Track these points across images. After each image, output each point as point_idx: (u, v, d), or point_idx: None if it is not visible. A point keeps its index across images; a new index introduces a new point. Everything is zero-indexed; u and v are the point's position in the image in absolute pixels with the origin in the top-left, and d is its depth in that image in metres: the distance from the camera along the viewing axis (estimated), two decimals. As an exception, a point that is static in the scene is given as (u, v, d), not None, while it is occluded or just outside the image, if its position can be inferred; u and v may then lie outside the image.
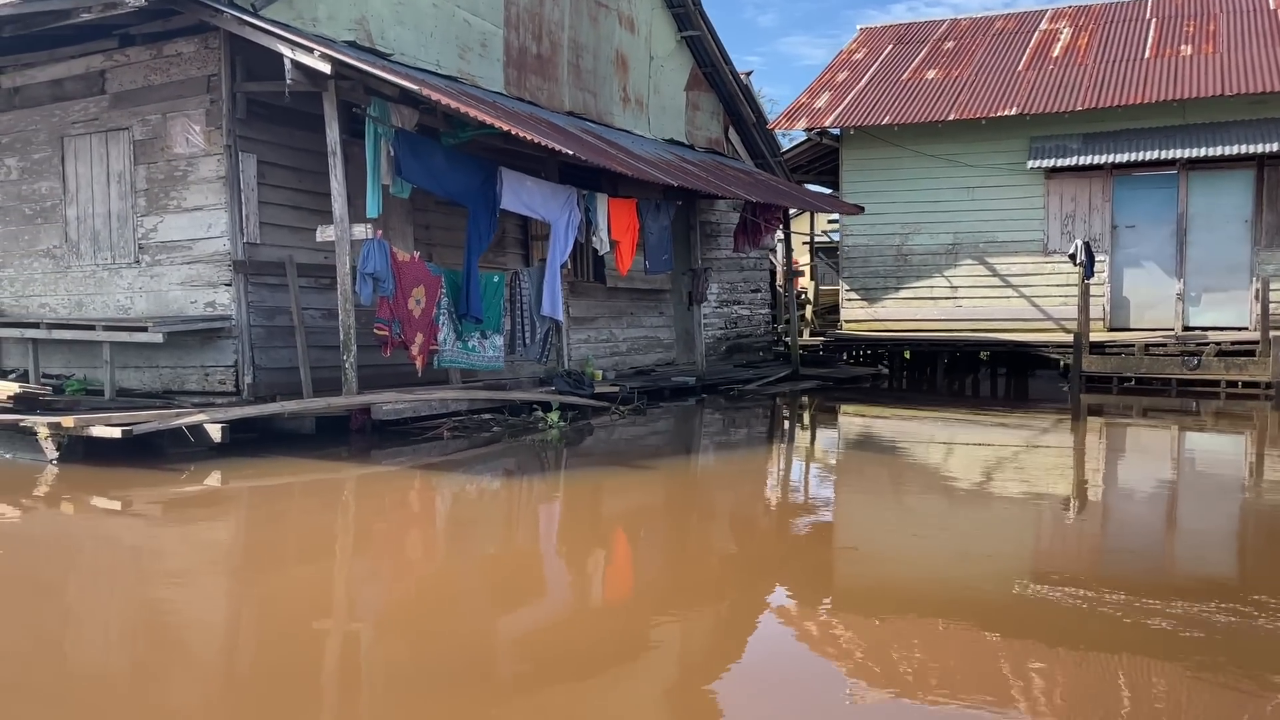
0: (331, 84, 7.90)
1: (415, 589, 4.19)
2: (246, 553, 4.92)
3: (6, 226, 10.09)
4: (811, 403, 12.41)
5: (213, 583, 4.28)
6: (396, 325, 8.24)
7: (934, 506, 5.93)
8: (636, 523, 5.54)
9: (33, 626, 3.68)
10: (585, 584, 4.25)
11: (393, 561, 4.69)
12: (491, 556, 4.77)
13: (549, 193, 9.78)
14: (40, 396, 6.89)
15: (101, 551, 4.85)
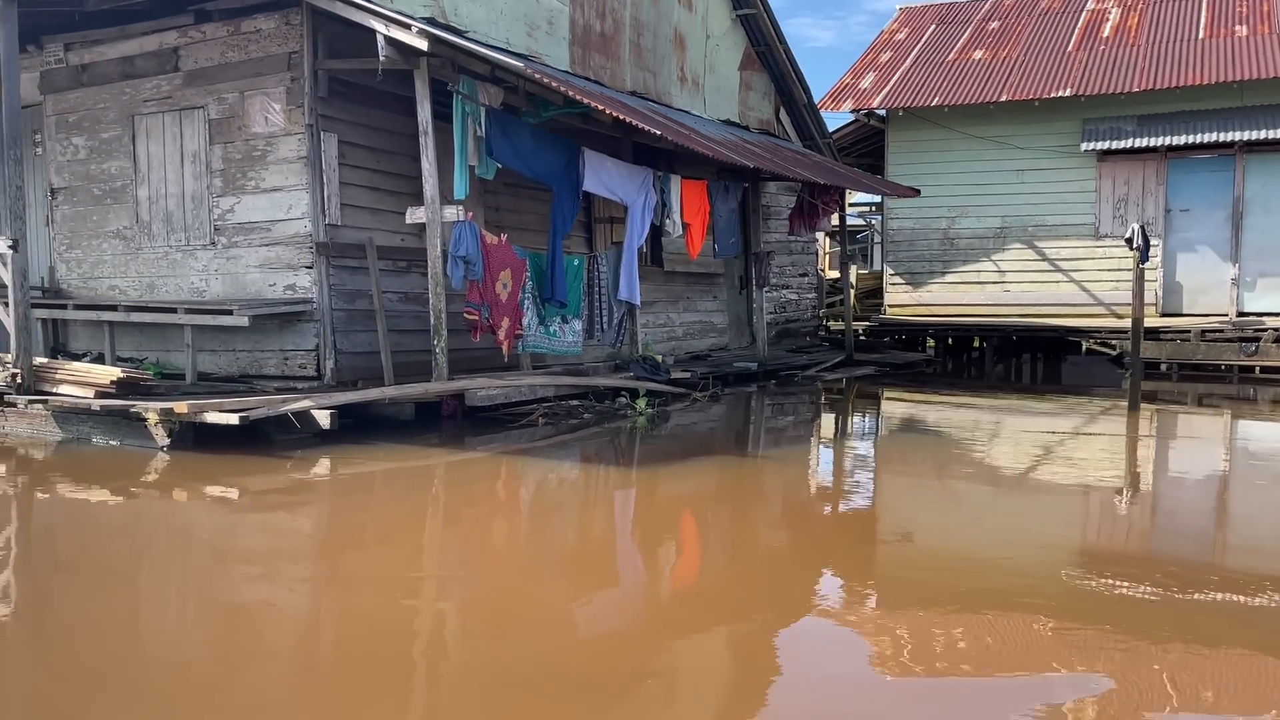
0: (424, 61, 7.69)
1: (545, 579, 4.05)
2: (375, 541, 4.77)
3: (74, 207, 9.93)
4: (877, 390, 12.23)
5: (343, 571, 4.14)
6: (485, 309, 8.07)
7: (1046, 500, 5.77)
8: (746, 512, 5.39)
9: (183, 617, 3.54)
10: (702, 573, 4.08)
11: (524, 551, 4.54)
12: (610, 546, 4.61)
13: (627, 174, 9.58)
14: (141, 381, 6.73)
15: (235, 539, 4.70)
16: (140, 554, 4.51)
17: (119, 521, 5.08)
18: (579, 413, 8.35)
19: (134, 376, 6.81)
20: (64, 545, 4.57)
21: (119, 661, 3.10)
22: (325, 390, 8.35)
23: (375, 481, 6.21)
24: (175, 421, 6.09)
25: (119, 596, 3.82)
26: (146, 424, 6.15)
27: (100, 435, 6.52)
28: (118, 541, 4.70)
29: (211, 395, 7.11)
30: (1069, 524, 5.18)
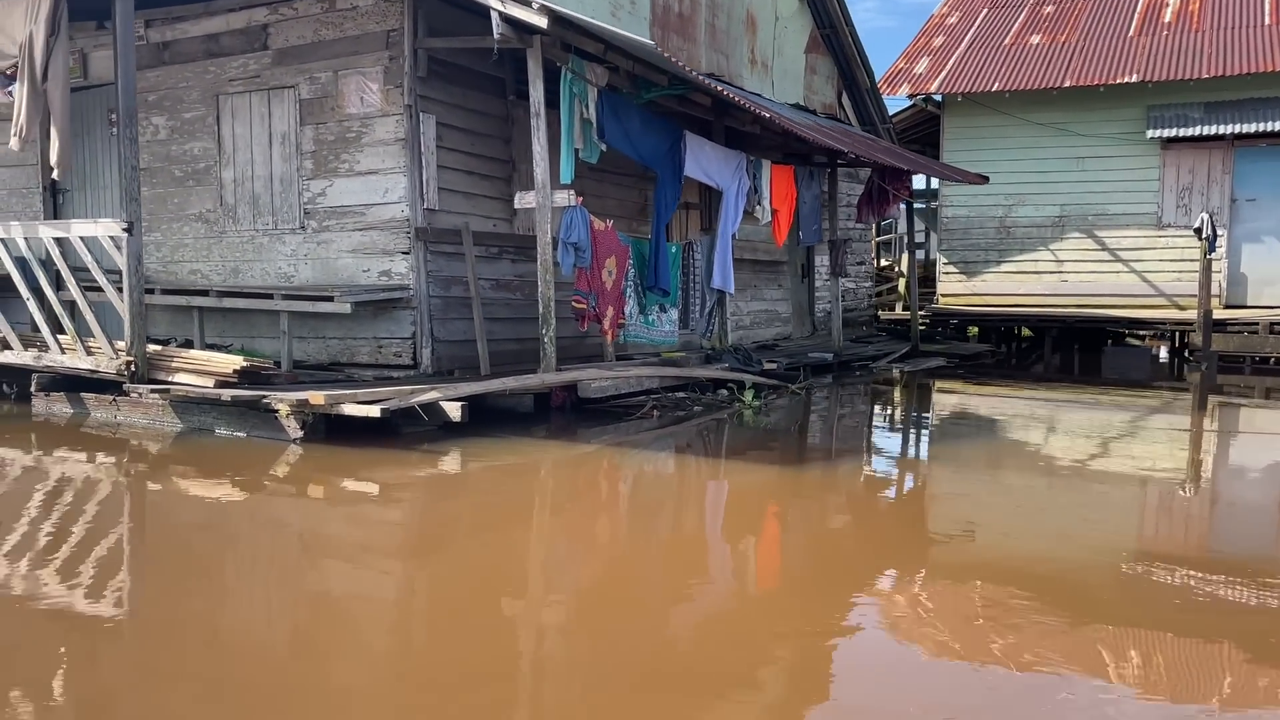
0: (537, 40, 7.42)
1: (695, 578, 3.81)
2: (532, 538, 4.54)
3: (153, 189, 9.67)
4: (956, 383, 11.96)
5: (498, 565, 3.91)
6: (593, 298, 7.82)
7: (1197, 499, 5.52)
8: (891, 515, 5.15)
9: (351, 617, 3.31)
10: (837, 574, 3.83)
11: (672, 549, 4.30)
12: (754, 547, 4.37)
13: (722, 158, 9.31)
14: (261, 370, 6.50)
15: (383, 534, 4.47)
16: (293, 550, 4.28)
17: (271, 517, 4.86)
18: (687, 405, 8.10)
19: (256, 365, 6.57)
20: (217, 541, 4.35)
21: (281, 671, 2.87)
22: (424, 379, 8.11)
23: (512, 475, 5.98)
24: (309, 414, 5.86)
25: (278, 597, 3.60)
26: (278, 416, 5.91)
27: (225, 426, 6.28)
28: (271, 537, 4.48)
29: (328, 385, 6.88)
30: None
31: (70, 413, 7.04)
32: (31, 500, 4.96)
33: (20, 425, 6.88)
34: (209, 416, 6.34)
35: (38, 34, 6.44)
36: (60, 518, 4.68)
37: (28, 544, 4.19)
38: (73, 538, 4.32)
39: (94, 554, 4.08)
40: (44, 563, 3.91)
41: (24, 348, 7.18)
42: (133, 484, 5.48)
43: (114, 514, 4.92)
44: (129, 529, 4.59)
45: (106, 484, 5.50)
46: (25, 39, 6.50)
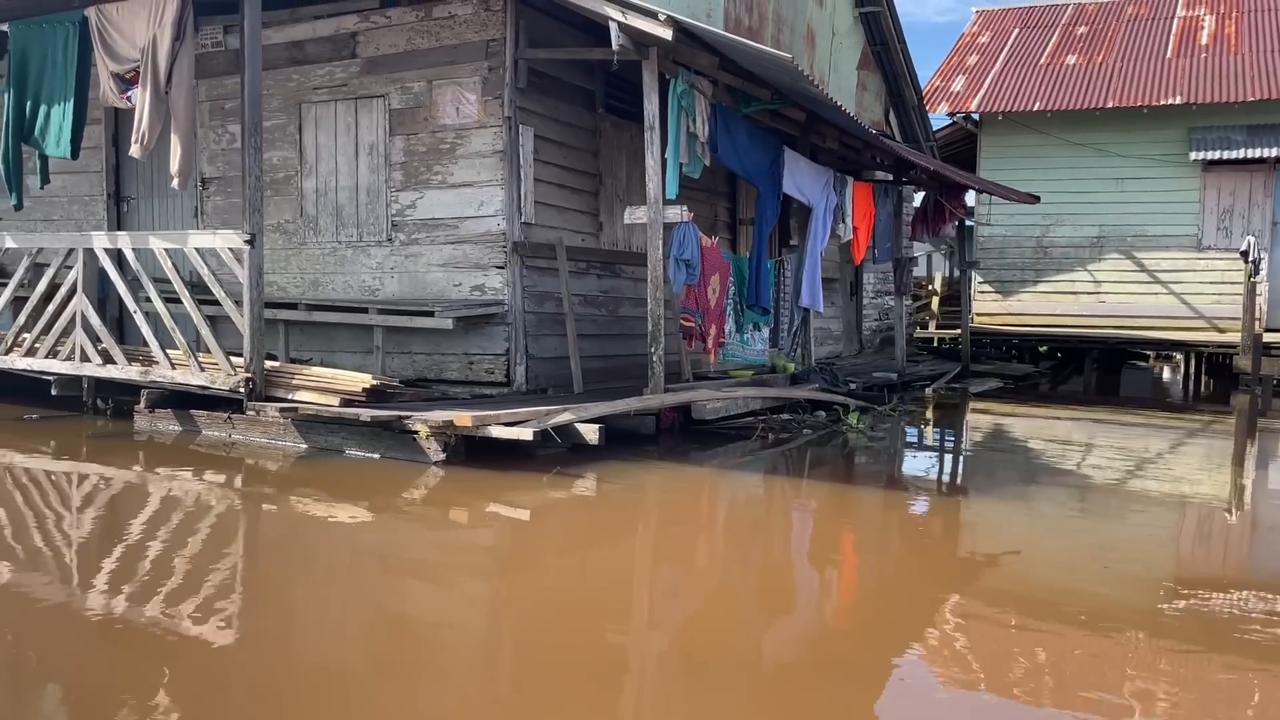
0: (653, 52, 7.24)
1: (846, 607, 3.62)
2: (693, 564, 4.33)
3: (228, 198, 9.44)
4: (1023, 403, 11.82)
5: (686, 590, 3.71)
6: (699, 316, 7.63)
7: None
8: (1028, 545, 4.97)
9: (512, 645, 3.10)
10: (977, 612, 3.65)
11: (829, 577, 4.11)
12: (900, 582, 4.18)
13: (814, 174, 9.16)
14: (386, 388, 6.26)
15: (549, 562, 4.25)
16: (465, 578, 4.06)
17: (437, 543, 4.62)
18: (794, 427, 7.90)
19: (385, 384, 6.33)
20: (380, 568, 4.11)
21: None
22: (519, 397, 7.90)
23: (658, 499, 5.78)
24: (451, 436, 5.62)
25: (462, 624, 3.38)
26: (417, 437, 5.67)
27: (356, 447, 6.02)
28: (440, 564, 4.24)
29: (447, 403, 6.64)
30: None
31: (178, 430, 6.78)
32: (172, 523, 4.72)
33: (126, 444, 6.60)
34: (337, 437, 6.09)
35: (162, 38, 6.21)
36: (204, 541, 4.44)
37: (175, 570, 3.95)
38: (222, 564, 4.09)
39: (248, 584, 3.86)
40: (197, 593, 3.68)
41: (128, 361, 6.92)
42: (274, 506, 5.23)
43: (263, 539, 4.68)
44: (282, 555, 4.35)
45: (245, 507, 5.26)
46: (148, 43, 6.27)
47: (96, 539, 4.43)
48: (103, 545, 4.29)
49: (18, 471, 5.92)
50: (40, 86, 6.77)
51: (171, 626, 3.30)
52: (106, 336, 7.00)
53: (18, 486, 5.49)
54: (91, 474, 5.91)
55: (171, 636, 3.22)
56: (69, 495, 5.40)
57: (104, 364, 6.96)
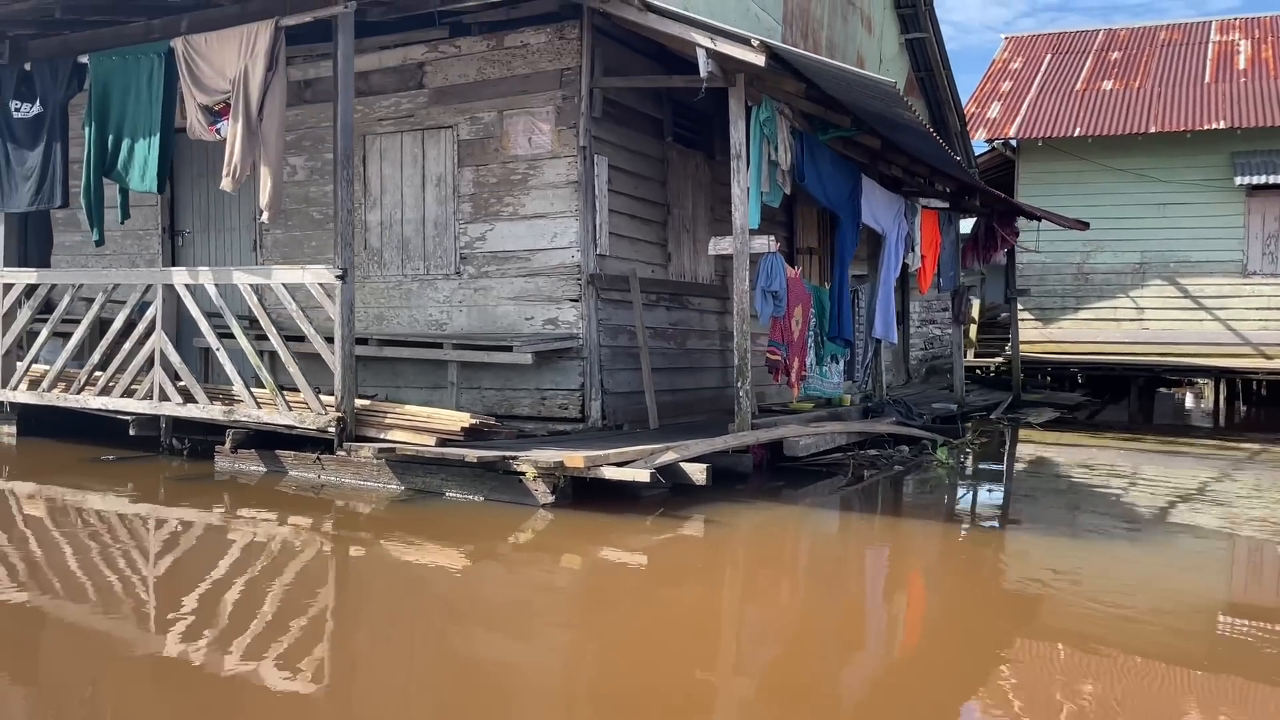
0: (740, 78, 7.08)
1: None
2: (831, 605, 4.09)
3: (288, 231, 9.28)
4: (1084, 433, 11.55)
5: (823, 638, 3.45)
6: (784, 348, 7.41)
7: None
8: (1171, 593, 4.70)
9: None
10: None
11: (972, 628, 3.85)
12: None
13: (887, 202, 8.97)
14: (483, 427, 6.03)
15: (687, 614, 4.01)
16: (596, 632, 3.81)
17: (548, 592, 4.37)
18: (881, 462, 7.66)
19: (483, 423, 6.11)
20: (486, 624, 3.87)
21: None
22: (595, 433, 7.67)
23: (774, 540, 5.54)
24: (561, 477, 5.39)
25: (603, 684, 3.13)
26: (523, 479, 5.43)
27: (456, 489, 5.77)
28: (554, 615, 4.00)
29: (537, 441, 6.41)
30: None
31: (262, 471, 6.54)
32: (270, 569, 4.48)
33: (209, 486, 6.34)
34: (436, 478, 5.86)
35: (254, 69, 6.06)
36: (310, 589, 4.21)
37: (272, 619, 3.71)
38: (328, 613, 3.85)
39: (347, 636, 3.61)
40: (308, 648, 3.43)
41: (209, 400, 6.71)
42: (374, 551, 4.98)
43: (365, 586, 4.42)
44: (386, 603, 4.10)
45: (344, 552, 5.01)
46: (238, 74, 6.11)
47: (187, 585, 4.20)
48: (194, 593, 4.05)
49: (105, 515, 5.69)
50: (123, 119, 6.61)
51: (266, 680, 3.07)
52: (187, 374, 6.79)
53: (103, 531, 5.26)
54: (178, 518, 5.68)
55: (263, 690, 3.00)
56: (156, 541, 5.17)
57: (184, 403, 6.75)
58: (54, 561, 4.58)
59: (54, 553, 4.75)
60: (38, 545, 4.91)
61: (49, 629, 3.74)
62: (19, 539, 5.05)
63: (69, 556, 4.68)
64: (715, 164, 9.88)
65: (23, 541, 4.99)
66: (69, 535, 5.14)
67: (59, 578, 4.32)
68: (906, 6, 14.12)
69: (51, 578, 4.33)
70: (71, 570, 4.46)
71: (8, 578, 4.31)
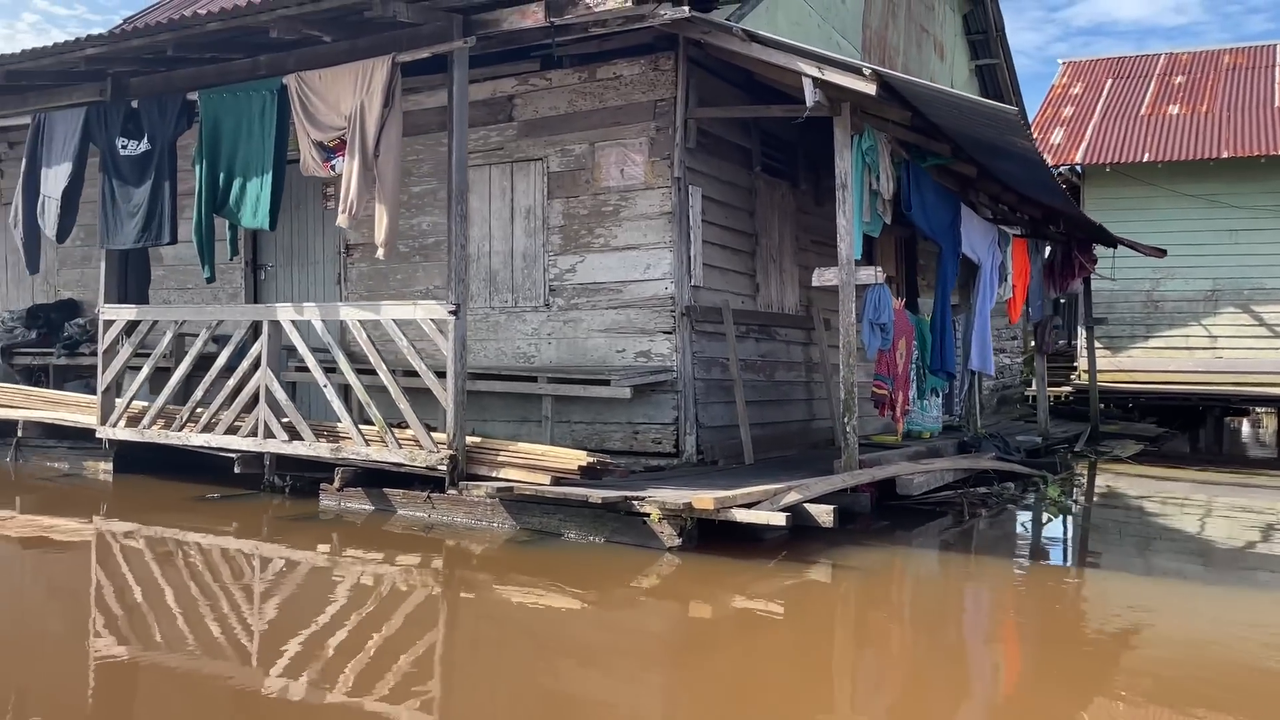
0: (846, 107, 6.94)
1: None
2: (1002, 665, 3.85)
3: (373, 265, 9.23)
4: (1177, 467, 11.16)
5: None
6: (890, 382, 7.20)
7: None
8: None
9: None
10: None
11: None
12: None
13: (982, 231, 8.76)
14: (597, 465, 5.88)
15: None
16: (731, 687, 3.61)
17: (682, 644, 4.19)
18: (992, 500, 7.40)
19: (600, 461, 5.96)
20: (615, 677, 3.68)
21: None
22: (690, 468, 7.50)
23: (900, 586, 5.31)
24: (687, 519, 5.21)
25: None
26: (647, 520, 5.26)
27: (575, 529, 5.61)
28: (692, 669, 3.81)
29: (656, 480, 6.23)
30: None
31: (369, 510, 6.43)
32: (386, 612, 4.34)
33: (316, 525, 6.22)
34: (554, 519, 5.70)
35: (370, 105, 6.02)
36: (423, 633, 4.05)
37: (395, 665, 3.54)
38: (451, 662, 3.68)
39: (467, 685, 3.43)
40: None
41: (315, 437, 6.62)
42: (493, 594, 4.83)
43: (485, 631, 4.24)
44: (506, 650, 3.92)
45: (463, 594, 4.86)
46: (354, 110, 6.08)
47: (303, 626, 4.06)
48: (313, 634, 3.91)
49: (215, 555, 5.59)
50: (234, 156, 6.59)
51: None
52: (293, 411, 6.71)
53: (216, 571, 5.16)
54: (289, 558, 5.56)
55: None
56: (267, 581, 5.05)
57: (290, 440, 6.67)
58: (168, 602, 4.48)
59: (168, 593, 4.65)
60: (157, 586, 4.81)
61: (166, 670, 3.63)
62: (136, 579, 4.96)
63: (182, 597, 4.59)
64: (799, 193, 9.75)
65: (141, 582, 4.89)
66: (181, 576, 5.05)
67: (173, 618, 4.23)
68: (977, 33, 13.97)
69: (165, 619, 4.22)
70: (185, 611, 4.36)
71: (127, 619, 4.20)
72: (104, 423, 7.53)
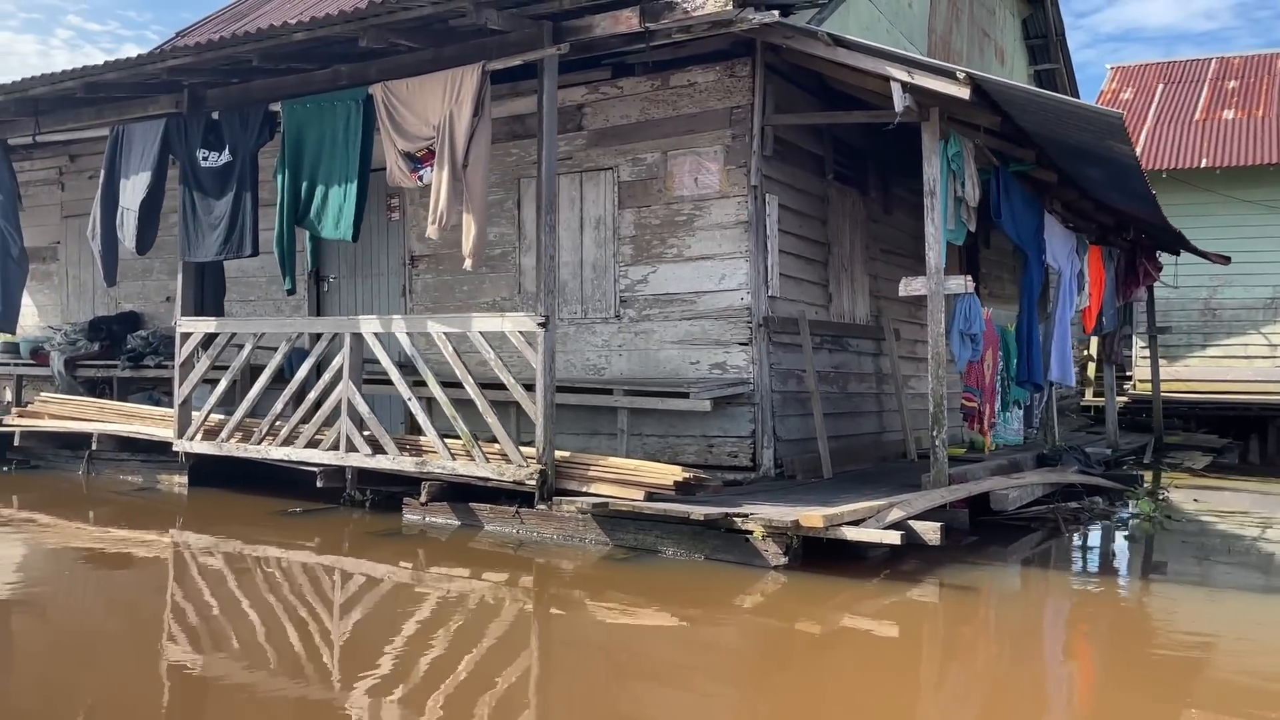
0: (935, 112, 6.77)
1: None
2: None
3: (438, 276, 9.16)
4: (1257, 477, 10.84)
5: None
6: (979, 394, 7.00)
7: None
8: None
9: None
10: None
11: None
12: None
13: (1063, 239, 8.56)
14: (692, 480, 5.74)
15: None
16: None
17: (800, 668, 4.02)
18: (1083, 515, 7.17)
19: (695, 476, 5.82)
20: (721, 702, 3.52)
21: None
22: (768, 483, 7.33)
23: (1012, 606, 5.12)
24: (793, 537, 5.06)
25: None
26: (750, 538, 5.11)
27: (673, 546, 5.45)
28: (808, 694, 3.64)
29: (749, 496, 6.07)
30: None
31: (455, 525, 6.32)
32: (480, 631, 4.21)
33: (400, 541, 6.09)
34: (650, 535, 5.55)
35: (459, 115, 5.93)
36: (526, 653, 3.91)
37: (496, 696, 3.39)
38: (555, 685, 3.53)
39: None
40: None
41: (399, 451, 6.53)
42: (593, 614, 4.69)
43: (588, 654, 4.11)
44: (612, 675, 3.78)
45: (563, 614, 4.72)
46: (443, 120, 5.99)
47: (390, 646, 3.93)
48: (398, 654, 3.79)
49: (303, 571, 5.49)
50: (317, 167, 6.52)
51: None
52: (375, 425, 6.62)
53: (306, 589, 5.06)
54: (377, 574, 5.44)
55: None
56: (361, 599, 4.93)
57: (373, 454, 6.58)
58: (252, 618, 4.39)
59: (252, 609, 4.56)
60: (240, 601, 4.71)
61: (250, 689, 3.51)
62: (221, 595, 4.86)
63: (267, 614, 4.52)
64: (868, 200, 9.58)
65: (225, 598, 4.79)
66: (266, 591, 4.96)
67: (258, 635, 4.14)
68: (1036, 37, 13.75)
69: (248, 635, 4.13)
70: (269, 629, 4.28)
71: (215, 636, 4.10)
72: (181, 436, 7.48)
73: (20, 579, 5.42)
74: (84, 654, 3.95)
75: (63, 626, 4.46)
